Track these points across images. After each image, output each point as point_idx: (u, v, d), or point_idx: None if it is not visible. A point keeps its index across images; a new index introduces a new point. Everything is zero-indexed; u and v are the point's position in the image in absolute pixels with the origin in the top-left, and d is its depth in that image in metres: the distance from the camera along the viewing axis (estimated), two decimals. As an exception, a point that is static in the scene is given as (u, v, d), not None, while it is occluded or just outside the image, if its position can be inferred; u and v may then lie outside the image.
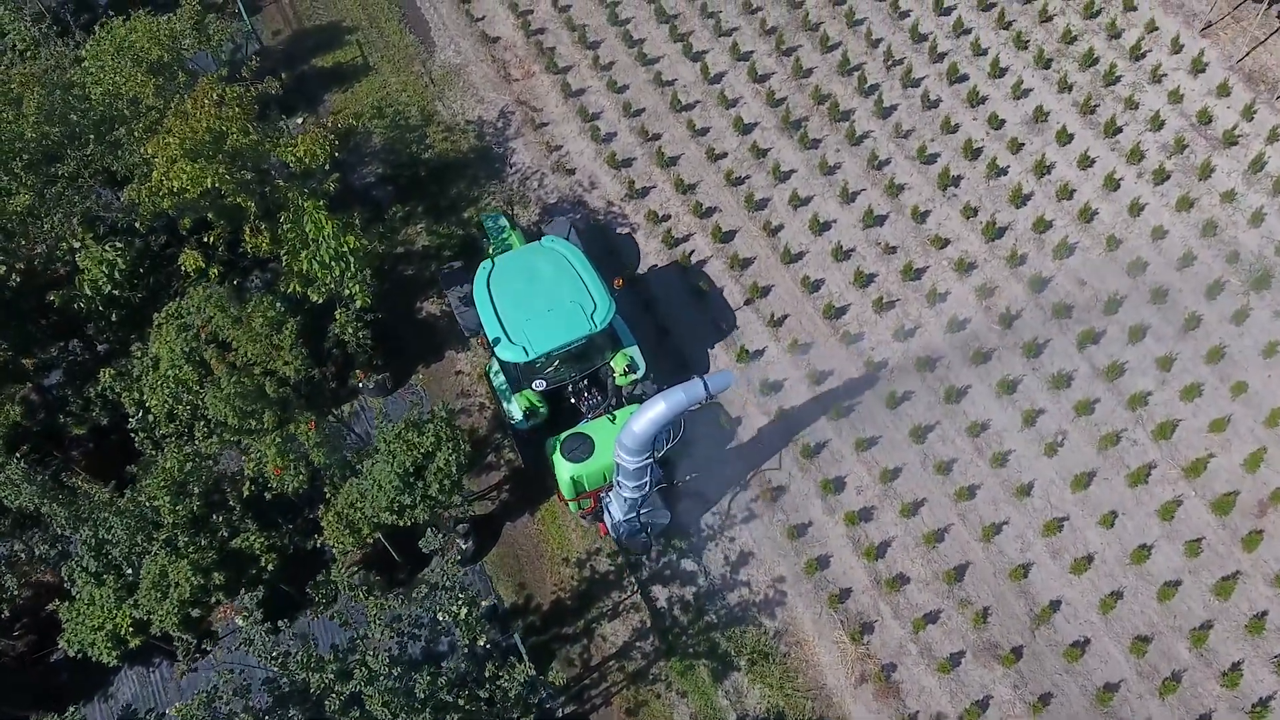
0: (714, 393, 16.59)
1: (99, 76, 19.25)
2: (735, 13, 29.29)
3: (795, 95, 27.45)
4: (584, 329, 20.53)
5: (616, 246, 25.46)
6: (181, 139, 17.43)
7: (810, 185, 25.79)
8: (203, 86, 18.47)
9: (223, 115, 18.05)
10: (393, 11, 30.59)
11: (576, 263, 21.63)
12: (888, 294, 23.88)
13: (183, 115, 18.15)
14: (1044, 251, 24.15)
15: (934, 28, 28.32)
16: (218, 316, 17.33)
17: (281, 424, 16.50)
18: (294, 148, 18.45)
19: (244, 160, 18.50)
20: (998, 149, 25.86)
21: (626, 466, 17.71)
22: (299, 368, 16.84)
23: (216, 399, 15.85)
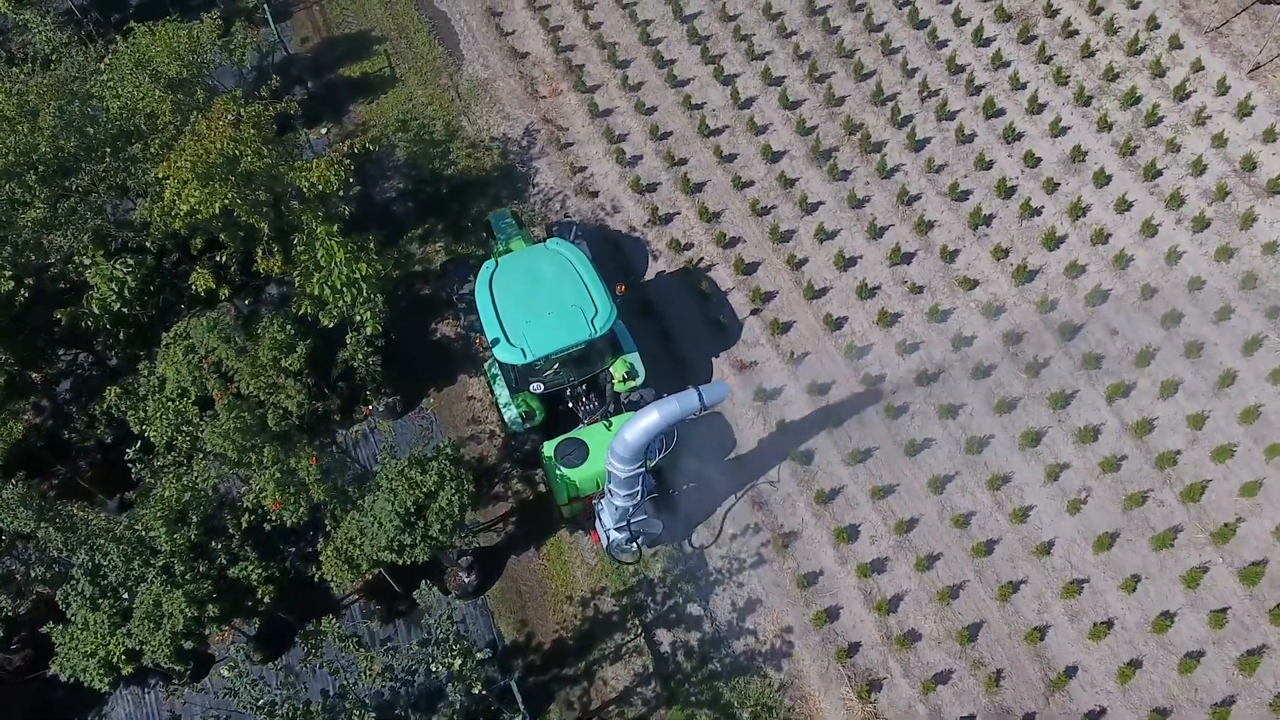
0: (708, 404, 16.46)
1: (117, 90, 18.99)
2: (769, 36, 28.73)
3: (826, 124, 26.86)
4: (584, 334, 20.41)
5: (624, 250, 25.20)
6: (193, 161, 17.14)
7: (838, 218, 25.21)
8: (219, 107, 18.17)
9: (237, 137, 17.73)
10: (422, 22, 30.26)
11: (580, 266, 21.47)
12: (911, 335, 23.26)
13: (197, 136, 17.86)
14: (1075, 297, 23.44)
15: (971, 59, 27.64)
16: (220, 348, 17.01)
17: (282, 458, 16.15)
18: (308, 173, 18.11)
19: (258, 182, 18.18)
20: (1032, 188, 25.16)
21: (618, 475, 17.68)
22: (302, 401, 16.50)
23: (215, 434, 15.54)
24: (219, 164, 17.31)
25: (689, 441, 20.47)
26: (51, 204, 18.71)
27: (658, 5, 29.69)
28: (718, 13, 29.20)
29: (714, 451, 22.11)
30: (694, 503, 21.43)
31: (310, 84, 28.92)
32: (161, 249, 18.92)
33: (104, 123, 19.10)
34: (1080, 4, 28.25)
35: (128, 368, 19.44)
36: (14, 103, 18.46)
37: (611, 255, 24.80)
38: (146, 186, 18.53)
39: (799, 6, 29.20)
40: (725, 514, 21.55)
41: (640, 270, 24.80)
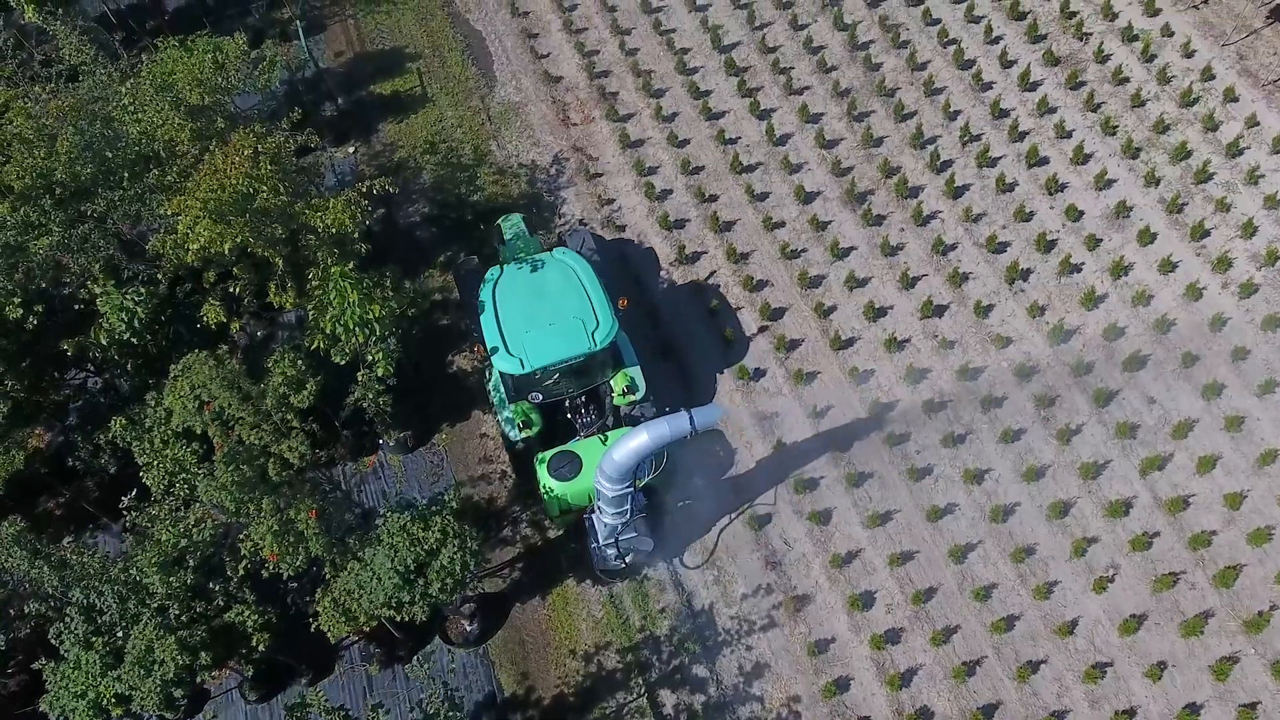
0: (699, 428, 16.15)
1: (138, 115, 18.65)
2: (809, 70, 28.02)
3: (863, 165, 26.12)
4: (583, 347, 20.23)
5: (635, 262, 25.01)
6: (204, 199, 16.76)
7: (869, 265, 24.49)
8: (236, 141, 17.75)
9: (254, 174, 17.32)
10: (457, 41, 29.81)
11: (585, 278, 21.26)
12: (939, 393, 22.53)
13: (212, 170, 17.47)
14: (1113, 362, 22.59)
15: (1017, 104, 26.79)
16: (222, 396, 16.62)
17: (281, 508, 15.74)
18: (323, 214, 17.66)
19: (273, 217, 17.77)
20: (1073, 243, 24.30)
21: (606, 493, 17.59)
22: (304, 453, 16.08)
23: (211, 487, 15.15)
24: (232, 201, 16.92)
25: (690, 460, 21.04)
26: (66, 228, 18.41)
27: (696, 33, 29.06)
28: (757, 43, 28.52)
29: (713, 471, 21.97)
30: (689, 521, 21.29)
31: (340, 100, 28.55)
32: (174, 278, 18.56)
33: (122, 148, 18.78)
34: (1132, 51, 27.31)
35: (137, 395, 19.12)
36: (33, 125, 18.17)
37: (622, 265, 24.56)
38: (159, 219, 18.17)
39: (840, 41, 28.47)
40: (719, 534, 21.16)
41: (653, 286, 24.29)
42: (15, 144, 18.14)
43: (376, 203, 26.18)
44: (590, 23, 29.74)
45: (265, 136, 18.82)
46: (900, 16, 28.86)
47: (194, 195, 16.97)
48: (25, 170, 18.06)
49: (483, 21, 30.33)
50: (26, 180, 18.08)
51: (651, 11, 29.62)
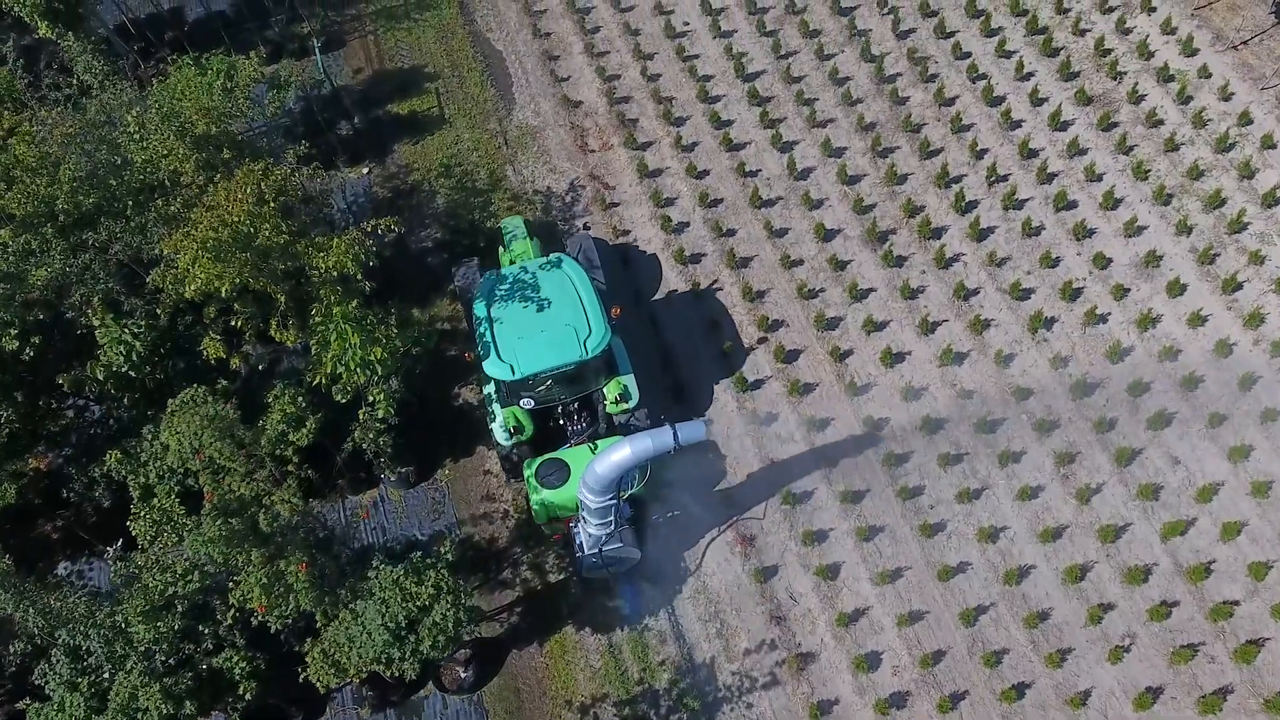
0: (683, 443, 16.10)
1: (143, 143, 18.29)
2: (833, 102, 27.40)
3: (886, 203, 25.49)
4: (574, 355, 20.14)
5: (637, 268, 24.94)
6: (203, 239, 16.36)
7: (888, 309, 23.86)
8: (240, 178, 17.32)
9: (255, 213, 16.91)
10: (477, 61, 29.37)
11: (580, 285, 21.15)
12: (956, 446, 21.88)
13: (214, 206, 17.08)
14: (1137, 418, 21.88)
15: (1046, 144, 26.08)
16: (213, 446, 16.22)
17: (271, 560, 15.33)
18: (325, 255, 17.22)
19: (275, 255, 17.36)
20: (1100, 293, 23.59)
21: (589, 505, 17.61)
22: (297, 505, 15.66)
23: (198, 542, 14.76)
24: (232, 240, 16.52)
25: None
26: (67, 256, 18.09)
27: (720, 60, 28.50)
28: (782, 73, 27.92)
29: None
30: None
31: (356, 119, 28.17)
32: (175, 310, 18.17)
33: (126, 177, 18.44)
34: (1168, 92, 26.53)
35: (134, 427, 18.79)
36: (35, 152, 17.84)
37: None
38: (159, 256, 17.79)
39: (867, 73, 27.83)
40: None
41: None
42: (18, 170, 17.80)
43: (385, 207, 25.86)
44: (613, 46, 29.24)
45: (270, 170, 18.39)
46: (929, 49, 28.19)
47: (192, 235, 16.57)
48: (27, 197, 17.73)
49: (504, 41, 29.88)
50: (28, 207, 17.76)
51: (675, 36, 29.09)
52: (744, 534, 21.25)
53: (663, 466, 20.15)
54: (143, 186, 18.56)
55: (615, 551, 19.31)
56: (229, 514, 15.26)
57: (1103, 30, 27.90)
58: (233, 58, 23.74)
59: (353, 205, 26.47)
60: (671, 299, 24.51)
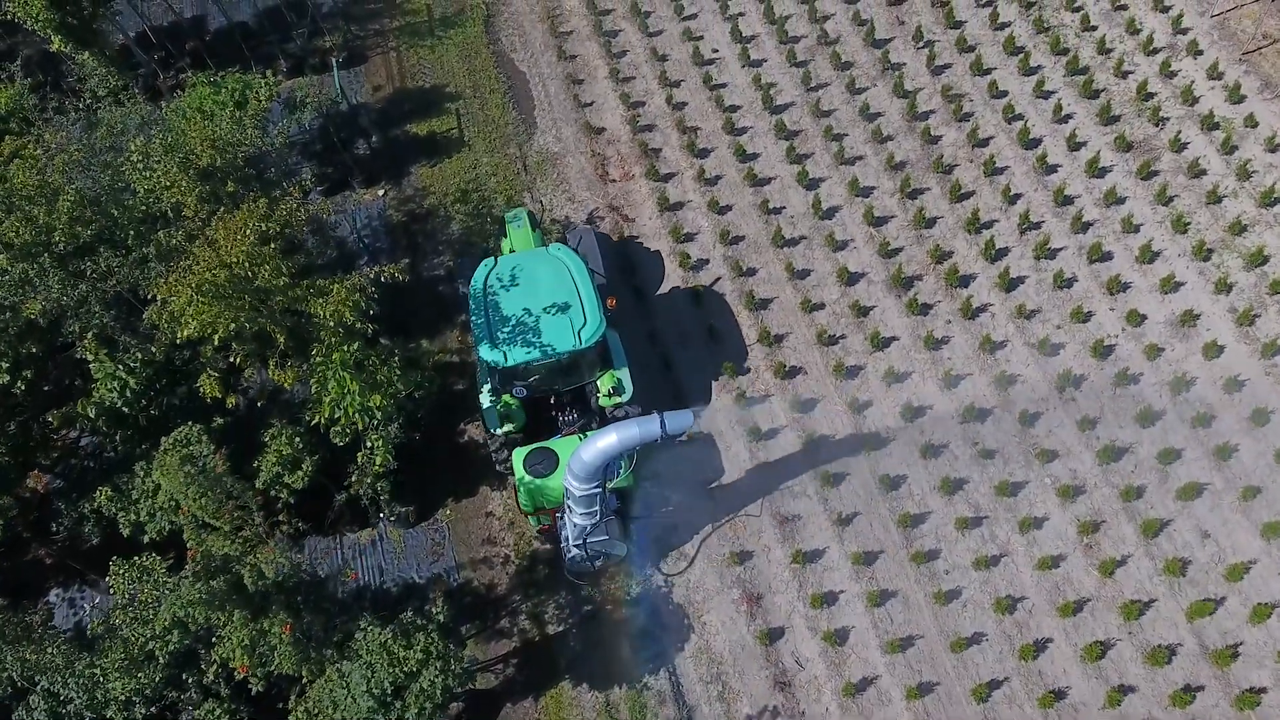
0: (671, 433, 16.12)
1: (146, 173, 17.78)
2: (863, 138, 26.58)
3: (913, 247, 24.66)
4: (568, 344, 20.01)
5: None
6: (198, 282, 15.80)
7: (910, 359, 23.04)
8: (240, 216, 16.74)
9: (254, 254, 16.34)
10: (500, 83, 28.75)
11: (577, 276, 21.04)
12: (975, 508, 21.06)
13: (213, 244, 16.52)
14: (1166, 488, 20.97)
15: (1082, 190, 25.15)
16: (196, 503, 15.68)
17: (255, 617, 14.77)
18: (323, 302, 16.60)
19: (273, 296, 16.80)
20: (1133, 351, 22.67)
21: (575, 493, 17.52)
22: (283, 563, 15.08)
23: (177, 604, 14.20)
24: (229, 283, 15.97)
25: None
26: (64, 287, 17.63)
27: (748, 90, 27.74)
28: (811, 106, 27.13)
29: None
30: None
31: (375, 138, 27.64)
32: (172, 345, 17.66)
33: (129, 204, 17.94)
34: (1212, 141, 25.52)
35: (127, 461, 18.30)
36: (34, 181, 17.36)
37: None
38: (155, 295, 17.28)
39: (899, 109, 26.99)
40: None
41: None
42: (17, 199, 17.34)
43: (401, 249, 25.34)
44: (639, 71, 28.55)
45: (277, 204, 17.83)
46: (965, 86, 27.31)
47: (186, 279, 16.01)
48: (25, 225, 17.27)
49: (528, 63, 29.25)
50: (26, 236, 17.30)
51: (703, 64, 28.35)
52: (750, 593, 20.52)
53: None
54: (145, 216, 18.05)
55: (601, 544, 19.22)
56: (211, 572, 14.70)
57: (1146, 73, 26.93)
58: (248, 76, 23.39)
59: (365, 229, 25.93)
60: (687, 339, 23.77)
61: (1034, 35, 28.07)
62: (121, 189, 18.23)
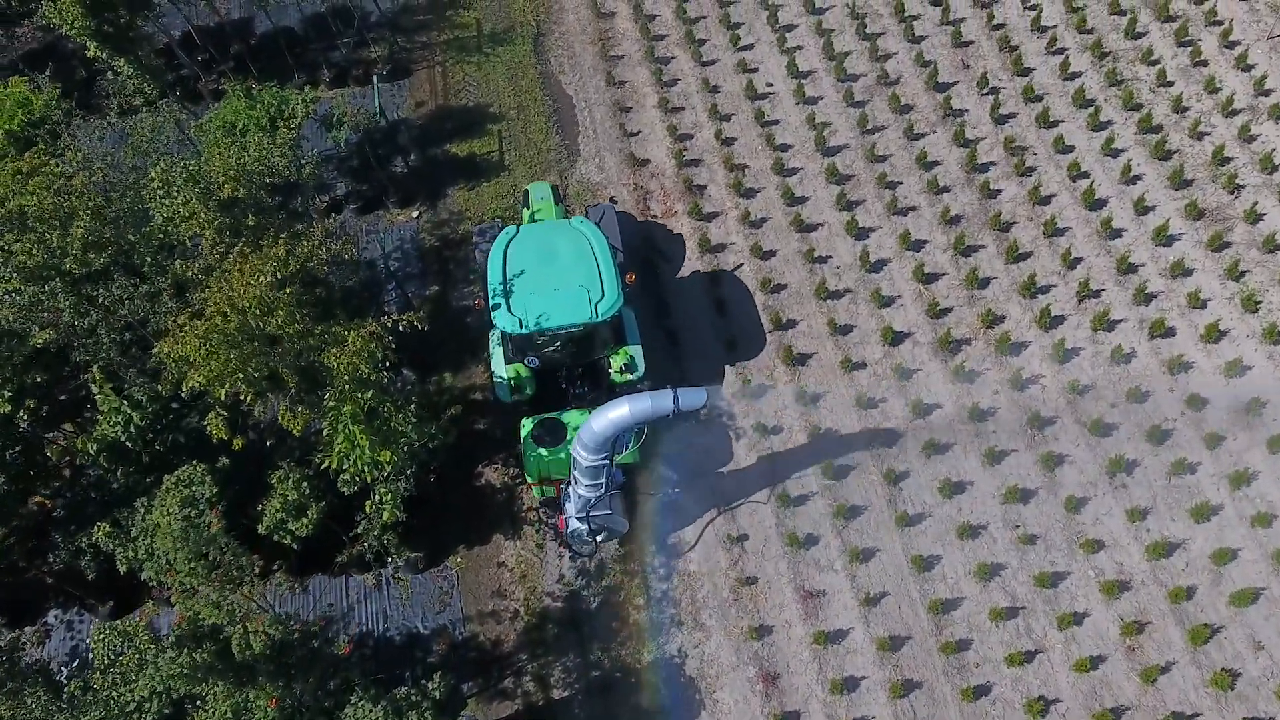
0: (684, 409, 16.16)
1: (165, 202, 17.09)
2: (918, 188, 25.39)
3: (963, 309, 23.47)
4: (584, 316, 20.02)
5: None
6: (206, 332, 15.05)
7: (953, 430, 21.88)
8: (255, 262, 15.94)
9: (268, 300, 15.57)
10: (545, 105, 27.87)
11: (598, 249, 21.09)
12: (1012, 598, 19.89)
13: (225, 284, 15.79)
14: (1218, 591, 19.68)
15: (1148, 259, 23.81)
16: (186, 567, 14.95)
17: (241, 687, 14.03)
18: (338, 351, 15.77)
19: (284, 344, 16.03)
20: (1191, 439, 21.36)
21: (581, 463, 17.59)
22: (273, 634, 14.31)
23: (155, 679, 13.48)
24: (238, 330, 15.22)
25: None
26: (75, 312, 17.03)
27: (800, 129, 26.64)
28: (865, 150, 25.98)
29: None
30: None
31: (413, 156, 26.88)
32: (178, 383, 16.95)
33: (147, 231, 17.29)
34: (1291, 214, 24.08)
35: (129, 495, 17.68)
36: (50, 203, 16.74)
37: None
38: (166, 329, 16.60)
39: (958, 159, 25.76)
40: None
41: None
42: (31, 219, 16.74)
43: (432, 275, 24.58)
44: (689, 102, 27.54)
45: (299, 239, 17.08)
46: (1029, 138, 26.02)
47: (193, 330, 15.25)
48: (38, 248, 16.67)
49: (575, 86, 28.34)
50: (38, 258, 16.70)
51: (756, 98, 27.29)
52: (767, 671, 19.51)
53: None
54: (162, 244, 17.40)
55: (603, 519, 19.09)
56: (197, 639, 13.98)
57: (1223, 136, 25.47)
58: (285, 90, 22.75)
59: (396, 251, 25.19)
60: (719, 389, 22.79)
61: (1106, 88, 26.68)
62: (141, 213, 17.58)
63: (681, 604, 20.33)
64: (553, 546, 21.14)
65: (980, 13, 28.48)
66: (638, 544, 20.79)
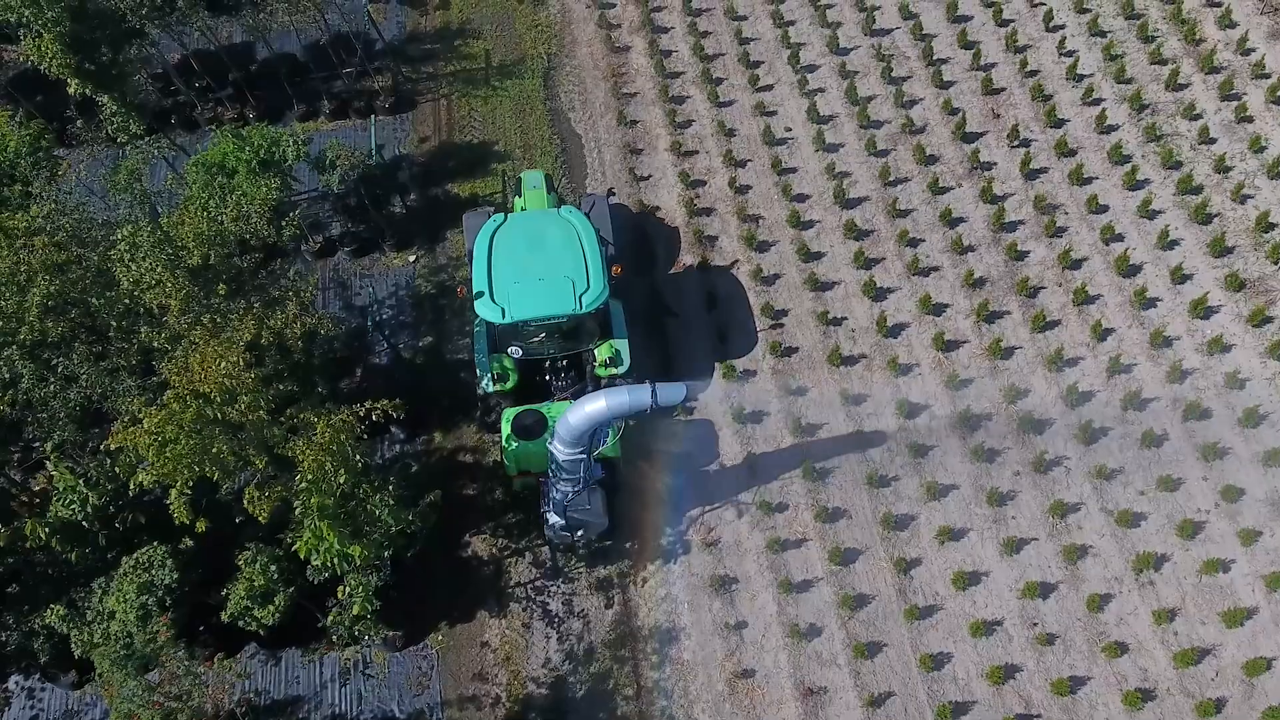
0: (661, 404, 16.14)
1: (130, 267, 16.00)
2: (941, 246, 24.06)
3: (985, 381, 22.12)
4: (568, 307, 19.93)
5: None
6: (160, 424, 13.94)
7: (969, 514, 20.57)
8: (215, 348, 14.75)
9: (232, 385, 14.45)
10: (553, 145, 26.70)
11: (586, 240, 20.87)
12: (1028, 702, 18.57)
13: (184, 372, 14.70)
14: (1250, 705, 18.28)
15: (1184, 333, 22.39)
16: (128, 685, 13.87)
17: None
18: (308, 439, 14.61)
19: (248, 432, 14.91)
20: (1226, 532, 19.97)
21: (559, 457, 17.49)
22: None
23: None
24: (193, 422, 14.11)
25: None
26: (34, 381, 15.99)
27: (819, 179, 25.34)
28: (887, 204, 24.65)
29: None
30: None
31: (413, 196, 25.77)
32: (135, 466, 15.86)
33: (111, 298, 16.22)
34: (1339, 290, 22.59)
35: (88, 573, 16.63)
36: (6, 265, 15.67)
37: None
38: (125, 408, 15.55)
39: (984, 217, 24.41)
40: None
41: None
42: (-13, 282, 15.73)
43: (426, 325, 23.45)
44: (703, 146, 26.29)
45: (270, 311, 15.97)
46: (1061, 196, 24.62)
47: (149, 420, 14.13)
48: (-9, 313, 15.67)
49: (585, 124, 27.15)
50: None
51: (774, 143, 26.01)
52: None
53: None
54: (127, 311, 16.33)
55: (582, 515, 18.82)
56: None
57: (1269, 201, 24.01)
58: (277, 130, 21.70)
59: (389, 298, 24.08)
60: (722, 463, 21.57)
61: (1144, 143, 25.24)
62: (108, 274, 16.51)
63: (674, 696, 19.13)
64: (539, 626, 20.00)
65: (1013, 58, 27.08)
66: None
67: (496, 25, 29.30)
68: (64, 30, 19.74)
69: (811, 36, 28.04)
